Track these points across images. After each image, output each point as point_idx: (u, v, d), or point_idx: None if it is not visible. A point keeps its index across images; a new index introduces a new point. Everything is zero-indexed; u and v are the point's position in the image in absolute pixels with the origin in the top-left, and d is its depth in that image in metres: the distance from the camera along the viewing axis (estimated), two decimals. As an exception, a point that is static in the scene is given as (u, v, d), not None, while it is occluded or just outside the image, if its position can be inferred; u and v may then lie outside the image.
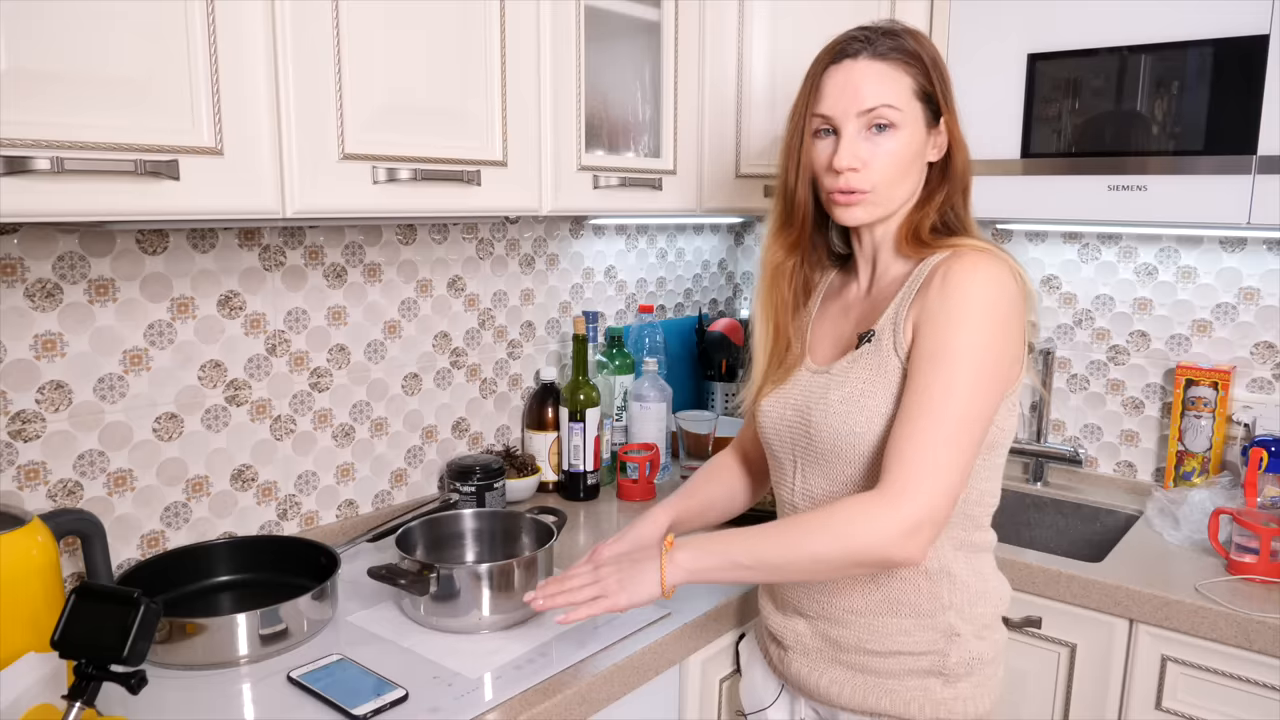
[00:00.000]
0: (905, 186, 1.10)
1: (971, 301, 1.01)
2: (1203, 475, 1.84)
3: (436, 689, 1.13)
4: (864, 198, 1.09)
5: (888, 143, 1.07)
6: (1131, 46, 1.58)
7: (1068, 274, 2.03)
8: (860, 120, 1.07)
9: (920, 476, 0.97)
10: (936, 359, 1.01)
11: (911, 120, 1.07)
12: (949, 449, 0.98)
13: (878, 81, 1.06)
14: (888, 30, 1.09)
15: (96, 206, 0.97)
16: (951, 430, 0.99)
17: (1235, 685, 1.42)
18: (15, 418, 1.24)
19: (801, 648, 1.19)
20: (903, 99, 1.07)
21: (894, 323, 1.08)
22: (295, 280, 1.52)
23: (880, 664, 1.13)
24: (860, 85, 1.06)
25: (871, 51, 1.07)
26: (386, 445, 1.68)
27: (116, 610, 0.87)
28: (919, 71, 1.07)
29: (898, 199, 1.11)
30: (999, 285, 1.02)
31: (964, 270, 1.03)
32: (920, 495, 0.97)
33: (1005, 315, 1.02)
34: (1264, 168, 1.48)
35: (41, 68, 0.92)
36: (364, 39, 1.18)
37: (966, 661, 1.11)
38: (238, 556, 1.39)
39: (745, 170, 1.80)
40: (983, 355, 1.00)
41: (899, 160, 1.08)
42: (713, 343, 2.25)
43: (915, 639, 1.11)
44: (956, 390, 0.99)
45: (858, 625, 1.13)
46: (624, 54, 1.65)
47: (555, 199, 1.47)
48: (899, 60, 1.07)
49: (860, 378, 1.09)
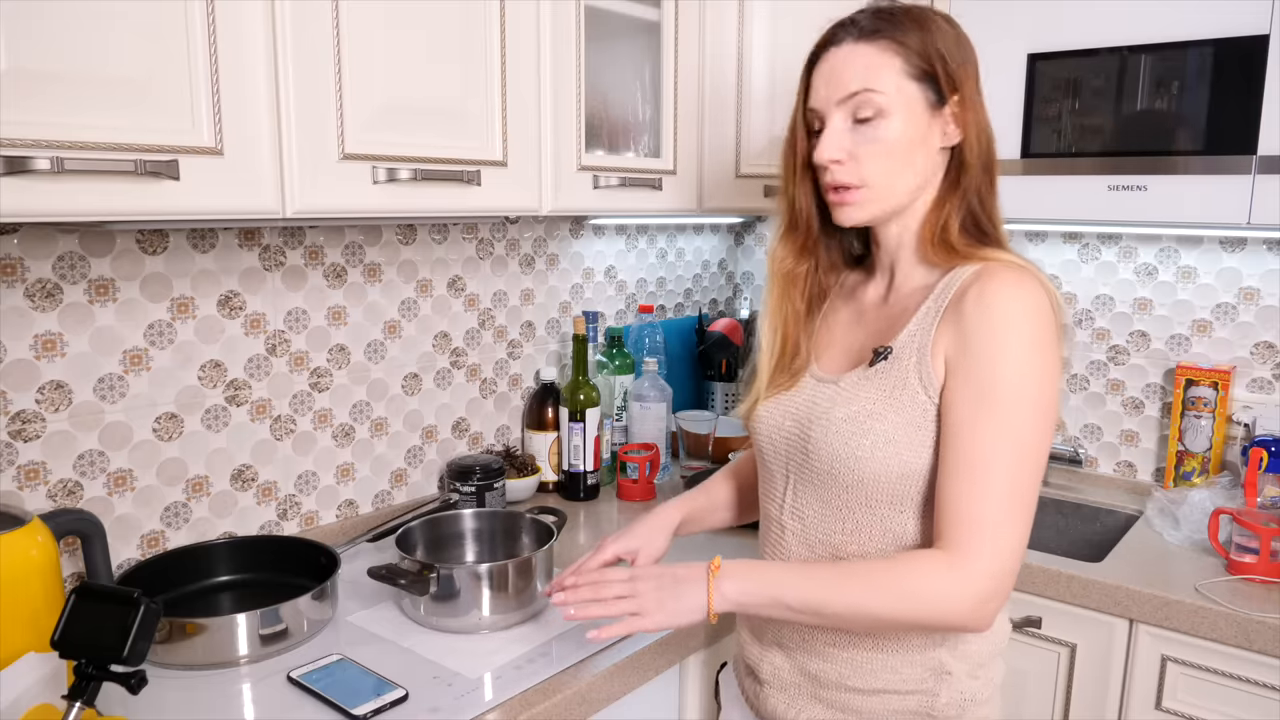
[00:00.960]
0: (906, 179, 0.99)
1: (1015, 331, 0.92)
2: (1203, 475, 1.84)
3: (436, 689, 1.13)
4: (856, 194, 0.99)
5: (874, 131, 0.97)
6: (1132, 46, 1.58)
7: (1068, 274, 2.03)
8: (843, 108, 0.98)
9: (991, 541, 0.90)
10: (984, 403, 0.92)
11: (904, 104, 0.97)
12: (1015, 506, 0.91)
13: (859, 65, 0.97)
14: (880, 10, 0.99)
15: (96, 206, 0.97)
16: (1014, 484, 0.91)
17: (1235, 685, 1.42)
18: (15, 418, 1.24)
19: (779, 683, 1.09)
20: (889, 81, 0.96)
21: (918, 347, 0.98)
22: (295, 280, 1.52)
23: (863, 702, 1.03)
24: (842, 71, 0.98)
25: (857, 33, 0.98)
26: (386, 445, 1.68)
27: (116, 610, 0.87)
28: (914, 49, 0.97)
29: (899, 193, 1.00)
30: (1040, 312, 0.93)
31: (1002, 294, 0.93)
32: (994, 562, 0.90)
33: (1049, 343, 0.93)
34: (1264, 168, 1.48)
35: (41, 68, 0.92)
36: (364, 39, 1.18)
37: (958, 702, 1.02)
38: (238, 556, 1.39)
39: (745, 170, 1.80)
40: (1036, 395, 0.92)
41: (890, 150, 0.97)
42: (713, 343, 2.25)
43: (902, 676, 1.02)
44: (1016, 440, 0.91)
45: (840, 660, 1.04)
46: (624, 54, 1.65)
47: (555, 199, 1.47)
48: (887, 39, 0.97)
49: (871, 398, 0.99)
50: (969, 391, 0.93)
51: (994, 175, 1.02)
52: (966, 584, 0.90)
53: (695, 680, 1.37)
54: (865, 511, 1.01)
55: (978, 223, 1.01)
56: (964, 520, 0.91)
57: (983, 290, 0.94)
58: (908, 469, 0.97)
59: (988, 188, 1.01)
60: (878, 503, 1.00)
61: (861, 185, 0.99)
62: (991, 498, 0.90)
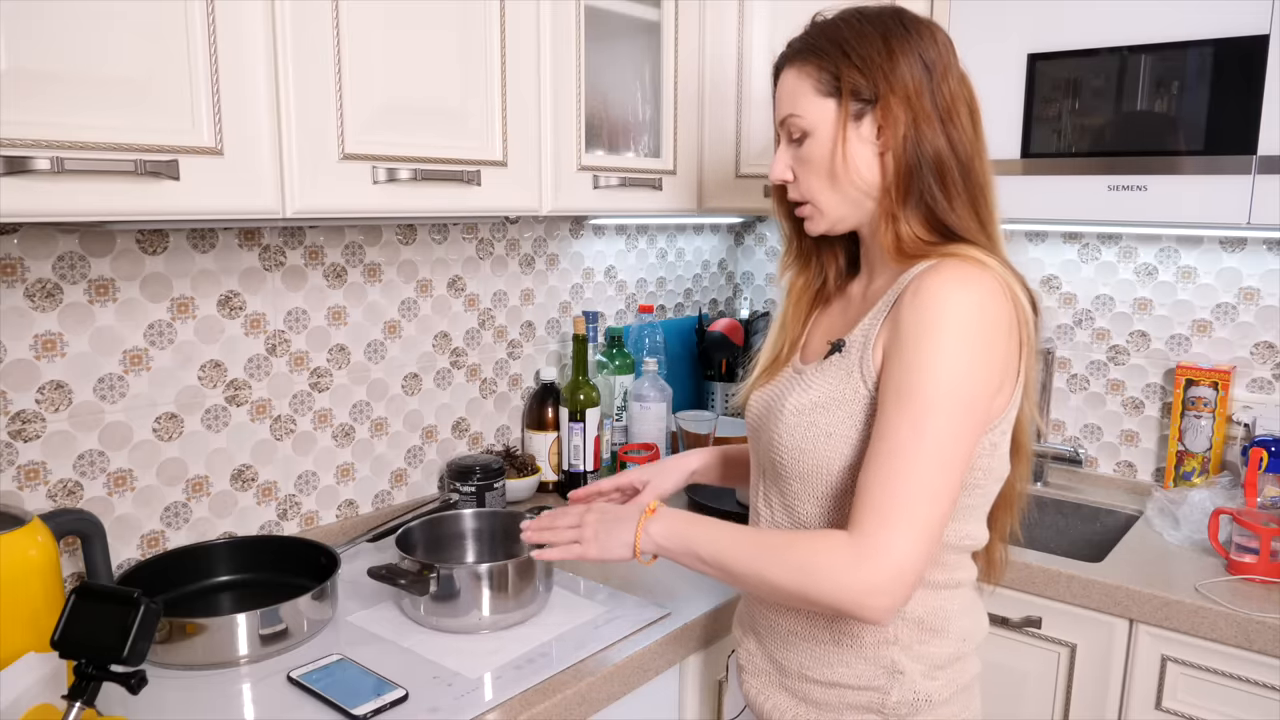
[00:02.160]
0: (841, 193, 1.01)
1: (942, 326, 0.90)
2: (1203, 475, 1.84)
3: (436, 689, 1.13)
4: (806, 209, 1.05)
5: (803, 151, 1.02)
6: (1132, 46, 1.58)
7: (1068, 274, 2.03)
8: (783, 130, 1.04)
9: (893, 532, 0.88)
10: (904, 396, 0.91)
11: (821, 122, 0.99)
12: (923, 501, 0.89)
13: (785, 88, 1.03)
14: (811, 25, 1.03)
15: (96, 206, 0.97)
16: (925, 479, 0.89)
17: (1235, 685, 1.42)
18: (15, 418, 1.24)
19: (753, 668, 1.14)
20: (805, 103, 1.00)
21: (865, 340, 0.99)
22: (295, 280, 1.52)
23: (820, 694, 1.05)
24: (779, 95, 1.04)
25: (789, 56, 1.03)
26: (386, 445, 1.68)
27: (116, 610, 0.87)
28: (825, 67, 0.98)
29: (841, 206, 1.02)
30: (975, 306, 0.91)
31: (935, 289, 0.92)
32: (892, 553, 0.88)
33: (982, 340, 0.91)
34: (1264, 168, 1.48)
35: (41, 68, 0.92)
36: (364, 39, 1.18)
37: (910, 702, 1.01)
38: (238, 556, 1.39)
39: (745, 170, 1.80)
40: (956, 390, 0.90)
41: (816, 169, 1.01)
42: (713, 343, 2.25)
43: (855, 671, 1.03)
44: (929, 434, 0.89)
45: (800, 650, 1.07)
46: (624, 54, 1.65)
47: (555, 199, 1.47)
48: (805, 59, 1.01)
49: (821, 390, 1.01)
50: (891, 384, 0.93)
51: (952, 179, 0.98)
52: (861, 570, 0.89)
53: (695, 680, 1.37)
54: (814, 504, 1.02)
55: (943, 221, 0.99)
56: (872, 508, 0.90)
57: (919, 286, 0.93)
58: (849, 463, 0.98)
59: (943, 192, 0.98)
60: (824, 495, 1.01)
61: (808, 201, 1.04)
62: (901, 491, 0.89)
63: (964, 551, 1.05)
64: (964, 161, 0.99)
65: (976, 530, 1.05)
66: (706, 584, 1.44)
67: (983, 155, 1.02)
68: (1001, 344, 0.93)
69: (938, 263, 0.95)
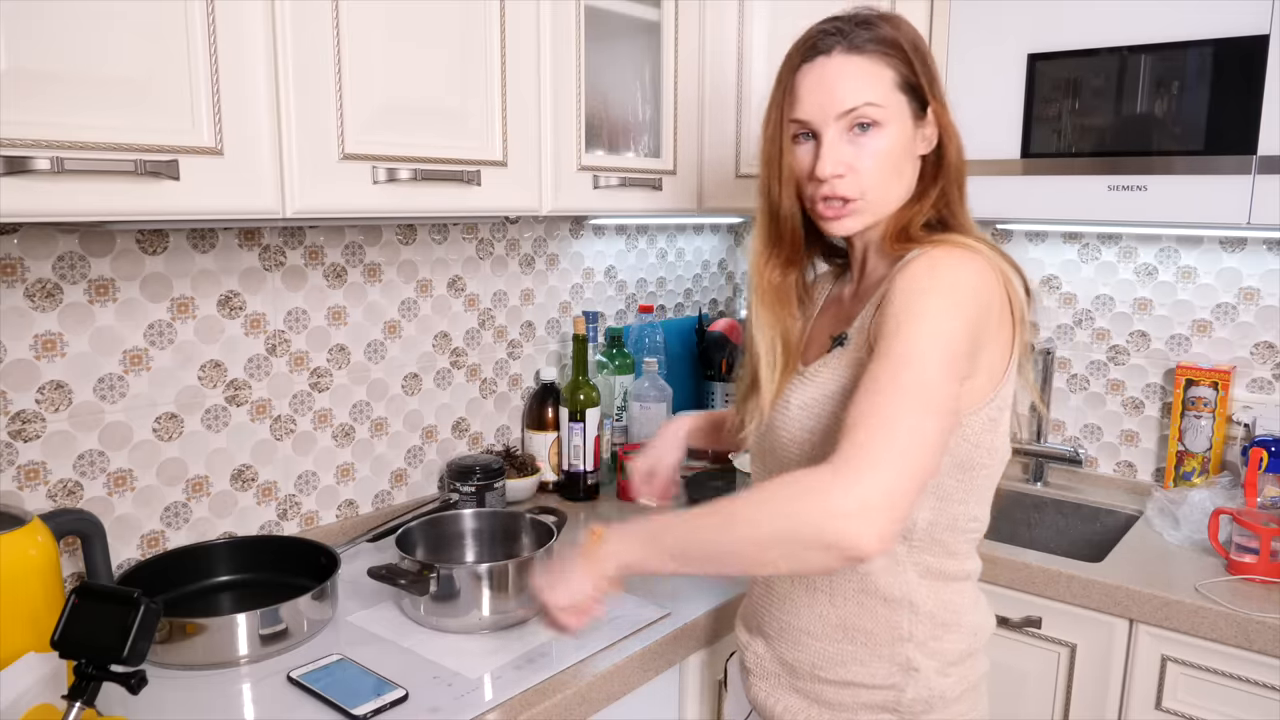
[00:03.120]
0: (898, 188, 1.01)
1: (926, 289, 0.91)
2: (1203, 475, 1.84)
3: (436, 689, 1.13)
4: (854, 206, 1.00)
5: (874, 143, 0.98)
6: (1131, 46, 1.58)
7: (1068, 274, 2.03)
8: (841, 122, 0.98)
9: (878, 450, 0.83)
10: (885, 349, 0.89)
11: (897, 116, 0.98)
12: (910, 422, 0.84)
13: (856, 78, 0.97)
14: (862, 19, 0.99)
15: (96, 206, 0.97)
16: (912, 403, 0.85)
17: (1235, 685, 1.42)
18: (15, 418, 1.24)
19: (761, 670, 1.12)
20: (884, 94, 0.97)
21: (864, 330, 0.99)
22: (295, 280, 1.52)
23: (833, 694, 1.05)
24: (837, 84, 0.97)
25: (846, 45, 0.97)
26: (386, 445, 1.68)
27: (116, 610, 0.87)
28: (900, 61, 0.98)
29: (891, 202, 1.02)
30: (962, 274, 0.92)
31: (927, 262, 0.93)
32: (878, 470, 0.82)
33: (965, 304, 0.91)
34: (1264, 168, 1.48)
35: (41, 68, 0.92)
36: (364, 39, 1.18)
37: (925, 699, 1.01)
38: (238, 556, 1.39)
39: (745, 170, 1.80)
40: (934, 344, 0.88)
41: (888, 161, 0.99)
42: (713, 343, 2.24)
43: (869, 670, 1.02)
44: (908, 376, 0.86)
45: (812, 650, 1.05)
46: (624, 54, 1.65)
47: (555, 199, 1.47)
48: (877, 51, 0.97)
49: (825, 383, 1.01)
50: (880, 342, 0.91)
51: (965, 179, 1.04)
52: (845, 491, 0.82)
53: (695, 680, 1.37)
54: None
55: (942, 220, 1.03)
56: (854, 434, 0.85)
57: (906, 266, 0.95)
58: None
59: (959, 191, 1.03)
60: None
61: (859, 197, 1.00)
62: (887, 416, 0.85)
63: (972, 538, 1.05)
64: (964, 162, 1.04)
65: (982, 514, 1.05)
66: (706, 584, 1.44)
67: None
68: (990, 316, 0.93)
69: (931, 246, 0.97)
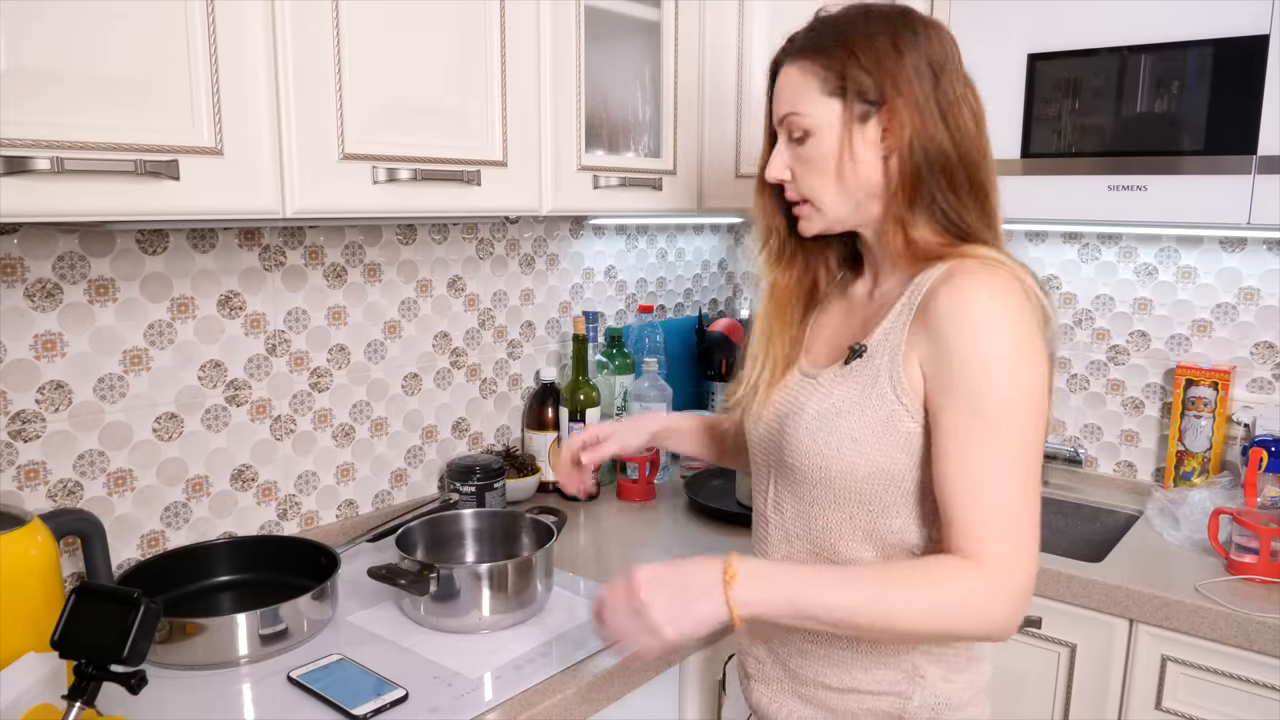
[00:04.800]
0: (842, 194, 1.00)
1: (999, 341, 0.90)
2: (1203, 475, 1.84)
3: (436, 689, 1.13)
4: (804, 209, 1.03)
5: (805, 150, 1.00)
6: (1131, 46, 1.58)
7: (1068, 274, 2.03)
8: (783, 129, 1.02)
9: (1014, 551, 0.89)
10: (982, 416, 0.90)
11: (826, 122, 0.97)
12: (1029, 514, 0.91)
13: (787, 86, 1.01)
14: (814, 24, 1.01)
15: (96, 206, 0.97)
16: (1025, 493, 0.90)
17: (1235, 685, 1.42)
18: (15, 418, 1.24)
19: (763, 676, 1.11)
20: (808, 102, 0.98)
21: (890, 348, 0.97)
22: (295, 280, 1.52)
23: (837, 700, 1.04)
24: (779, 92, 1.02)
25: (792, 52, 1.01)
26: (386, 445, 1.68)
27: (116, 610, 0.87)
28: (831, 68, 0.96)
29: (839, 206, 1.01)
30: (1018, 311, 0.91)
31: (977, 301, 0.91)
32: (1022, 570, 0.90)
33: (1033, 345, 0.92)
34: (1264, 168, 1.48)
35: (41, 68, 0.92)
36: (364, 39, 1.18)
37: (931, 705, 1.01)
38: (238, 556, 1.39)
39: (745, 170, 1.80)
40: (1029, 401, 0.91)
41: (817, 169, 0.99)
42: (713, 343, 2.25)
43: (875, 676, 1.02)
44: (1020, 449, 0.90)
45: (816, 656, 1.05)
46: (624, 54, 1.65)
47: (555, 199, 1.47)
48: (807, 59, 0.98)
49: (843, 395, 0.99)
50: (960, 403, 0.91)
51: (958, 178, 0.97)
52: (998, 593, 0.89)
53: (695, 680, 1.37)
54: (835, 509, 1.01)
55: (953, 222, 0.98)
56: (983, 533, 0.90)
57: (954, 295, 0.92)
58: (876, 469, 0.97)
59: (951, 192, 0.97)
60: (847, 501, 1.00)
61: (804, 201, 1.03)
62: (1007, 509, 0.90)
63: None
64: (969, 163, 0.98)
65: None
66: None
67: (988, 158, 1.00)
68: (1041, 341, 0.93)
69: (960, 265, 0.94)
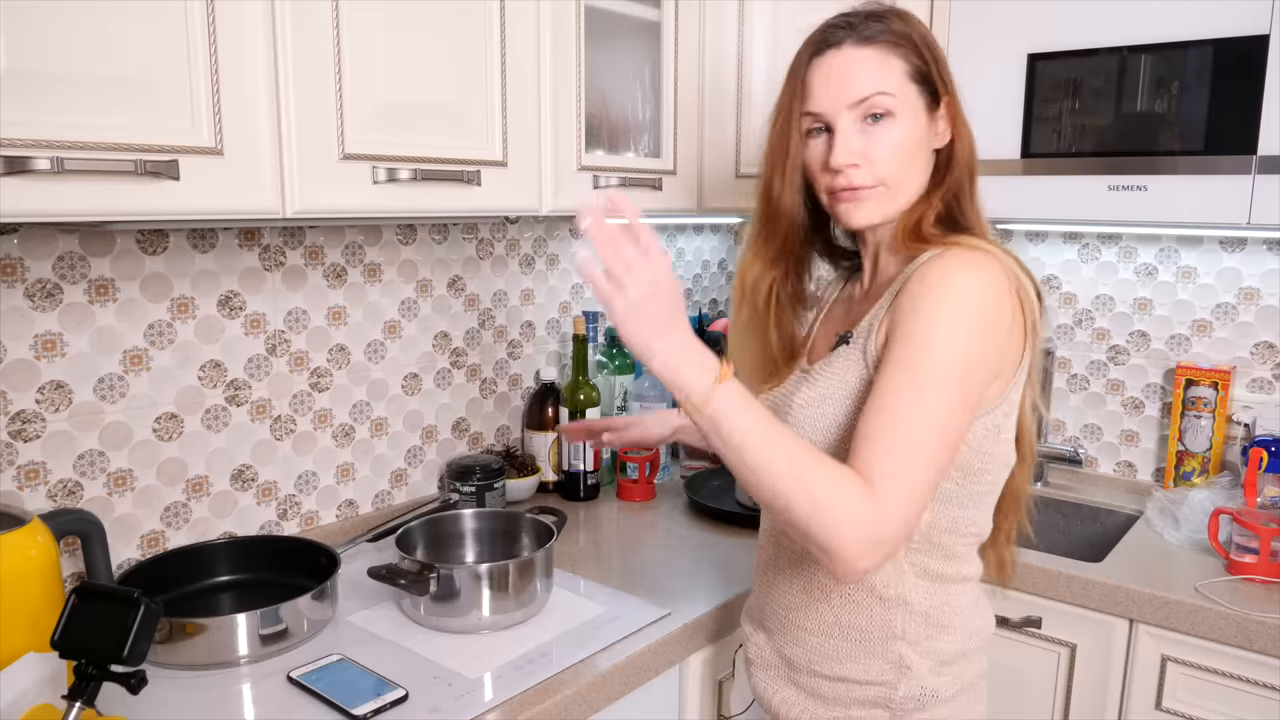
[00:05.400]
0: (914, 179, 1.01)
1: (947, 303, 0.91)
2: (1203, 475, 1.84)
3: (436, 689, 1.13)
4: (869, 193, 1.00)
5: (887, 132, 0.98)
6: (1131, 46, 1.58)
7: (1068, 274, 2.03)
8: (854, 112, 0.99)
9: (897, 497, 0.87)
10: (906, 362, 0.91)
11: (910, 106, 0.99)
12: (921, 471, 0.89)
13: (867, 68, 0.98)
14: (871, 13, 1.00)
15: (96, 206, 0.97)
16: (925, 449, 0.89)
17: (1235, 685, 1.42)
18: (15, 418, 1.24)
19: (762, 662, 1.14)
20: (897, 83, 0.98)
21: (869, 327, 1.00)
22: (295, 280, 1.52)
23: (827, 688, 1.07)
24: (848, 74, 0.98)
25: (856, 37, 0.99)
26: (386, 445, 1.68)
27: (116, 610, 0.87)
28: (911, 53, 0.99)
29: (909, 193, 1.02)
30: (981, 288, 0.92)
31: (944, 268, 0.94)
32: (893, 519, 0.87)
33: (983, 324, 0.92)
34: (1264, 168, 1.48)
35: (41, 68, 0.92)
36: (364, 39, 1.18)
37: (917, 697, 1.02)
38: (238, 556, 1.39)
39: (745, 170, 1.80)
40: (955, 367, 0.90)
41: (903, 150, 0.99)
42: (713, 342, 2.24)
43: (862, 666, 1.04)
44: (929, 404, 0.89)
45: (809, 644, 1.07)
46: (624, 54, 1.65)
47: (555, 199, 1.47)
48: (887, 43, 0.98)
49: (827, 382, 1.02)
50: (895, 349, 0.92)
51: (976, 174, 1.05)
52: (866, 517, 0.86)
53: (695, 680, 1.37)
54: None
55: (953, 216, 1.03)
56: (881, 468, 0.88)
57: (930, 266, 0.95)
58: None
59: (969, 186, 1.04)
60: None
61: (876, 185, 1.00)
62: (907, 456, 0.88)
63: (971, 542, 1.05)
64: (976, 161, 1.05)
65: (983, 520, 1.05)
66: (707, 583, 1.44)
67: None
68: (1003, 330, 0.94)
69: (945, 249, 0.98)
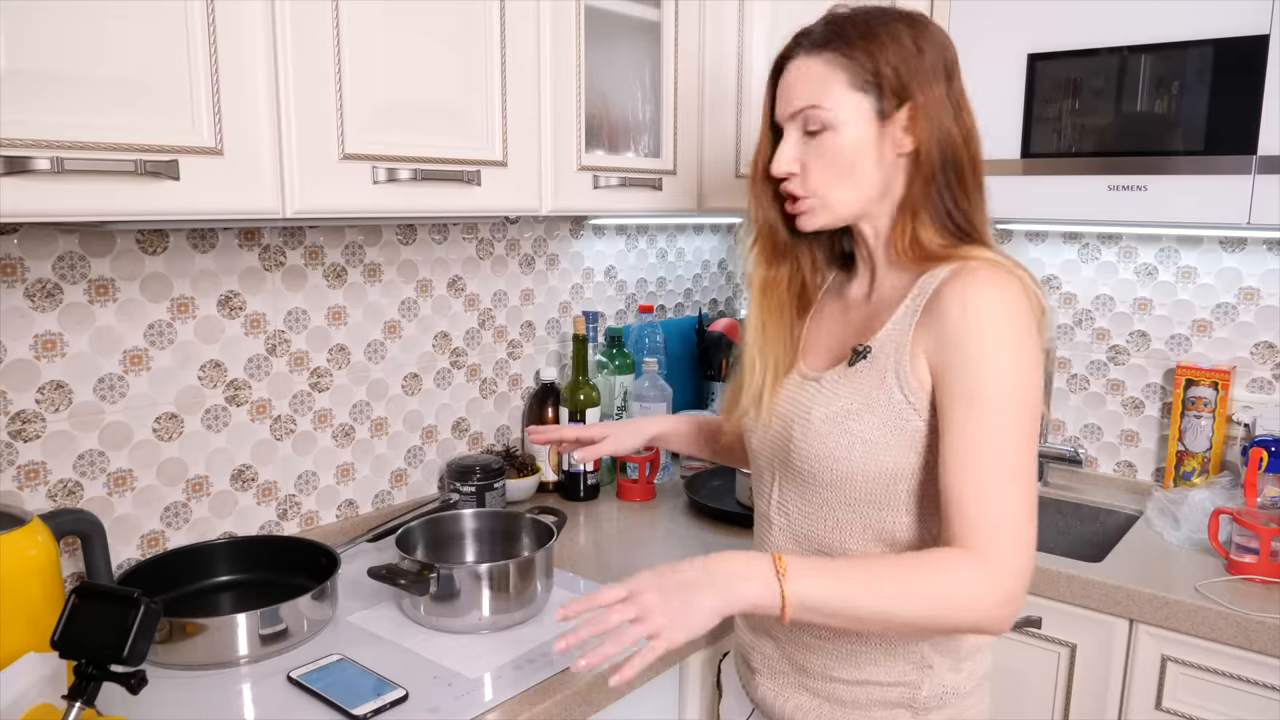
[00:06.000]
0: (852, 190, 1.01)
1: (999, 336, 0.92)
2: (1203, 475, 1.84)
3: (436, 689, 1.13)
4: (805, 204, 1.03)
5: (821, 144, 1.00)
6: (1131, 46, 1.58)
7: (1068, 274, 2.03)
8: (795, 122, 1.01)
9: (1011, 540, 0.90)
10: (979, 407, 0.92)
11: (850, 117, 0.98)
12: (1025, 505, 0.92)
13: (806, 79, 1.00)
14: (834, 18, 1.01)
15: (96, 206, 0.97)
16: (1022, 487, 0.92)
17: (1235, 685, 1.42)
18: (15, 418, 1.24)
19: (769, 670, 1.12)
20: (834, 95, 0.98)
21: (895, 347, 0.98)
22: (295, 280, 1.52)
23: (847, 692, 1.06)
24: (791, 86, 1.01)
25: (808, 46, 1.00)
26: (386, 445, 1.68)
27: (116, 610, 0.87)
28: (859, 61, 0.97)
29: (847, 203, 1.02)
30: (1018, 309, 0.94)
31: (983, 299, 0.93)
32: (1016, 559, 0.90)
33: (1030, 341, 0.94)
34: (1264, 168, 1.48)
35: (41, 68, 0.92)
36: (364, 39, 1.18)
37: (939, 695, 1.04)
38: (238, 556, 1.39)
39: (745, 170, 1.79)
40: (1024, 396, 0.93)
41: (834, 163, 1.00)
42: (713, 343, 2.24)
43: (885, 669, 1.04)
44: (1011, 442, 0.91)
45: (825, 651, 1.06)
46: (624, 54, 1.65)
47: (555, 199, 1.47)
48: (833, 51, 0.98)
49: (849, 397, 1.00)
50: (962, 397, 0.93)
51: (968, 178, 1.01)
52: (994, 583, 0.89)
53: (695, 679, 1.37)
54: (846, 509, 1.02)
55: (956, 224, 1.01)
56: (980, 523, 0.91)
57: (963, 293, 0.94)
58: (886, 469, 0.98)
59: (961, 191, 1.01)
60: (858, 501, 1.01)
61: (808, 196, 1.02)
62: (1004, 499, 0.91)
63: None
64: (975, 163, 1.02)
65: None
66: (706, 584, 1.44)
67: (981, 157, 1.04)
68: (1038, 338, 0.95)
69: (967, 266, 0.96)
